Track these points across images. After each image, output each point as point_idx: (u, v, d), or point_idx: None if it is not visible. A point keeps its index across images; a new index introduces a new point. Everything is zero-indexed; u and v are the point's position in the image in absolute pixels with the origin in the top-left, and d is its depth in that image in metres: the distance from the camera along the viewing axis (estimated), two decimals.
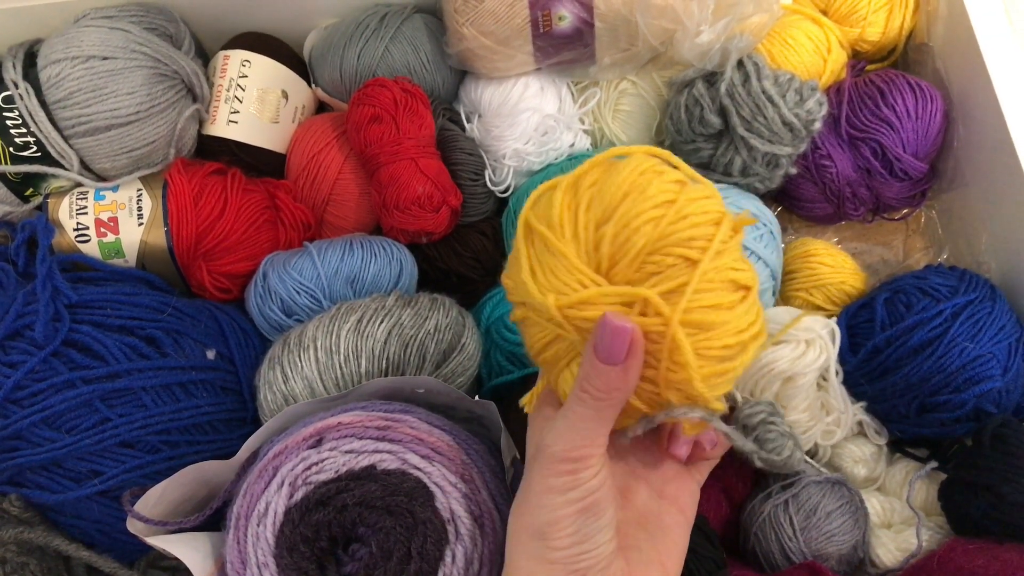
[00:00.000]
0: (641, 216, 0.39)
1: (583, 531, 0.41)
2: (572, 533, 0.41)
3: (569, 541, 0.41)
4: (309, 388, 0.60)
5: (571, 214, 0.40)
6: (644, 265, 0.39)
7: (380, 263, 0.68)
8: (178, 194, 0.67)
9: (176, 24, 0.71)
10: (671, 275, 0.39)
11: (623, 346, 0.39)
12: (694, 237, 0.39)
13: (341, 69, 0.73)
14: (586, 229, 0.40)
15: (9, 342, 0.60)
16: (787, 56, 0.73)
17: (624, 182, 0.40)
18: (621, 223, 0.39)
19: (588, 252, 0.40)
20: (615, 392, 0.40)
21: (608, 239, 0.39)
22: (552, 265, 0.40)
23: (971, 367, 0.63)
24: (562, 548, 0.41)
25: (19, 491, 0.59)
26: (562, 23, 0.68)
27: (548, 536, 0.41)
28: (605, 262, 0.40)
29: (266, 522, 0.49)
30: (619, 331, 0.38)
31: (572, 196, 0.41)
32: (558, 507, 0.41)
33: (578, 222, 0.40)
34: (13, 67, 0.65)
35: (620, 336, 0.38)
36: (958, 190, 0.75)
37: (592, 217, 0.40)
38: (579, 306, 0.39)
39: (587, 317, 0.39)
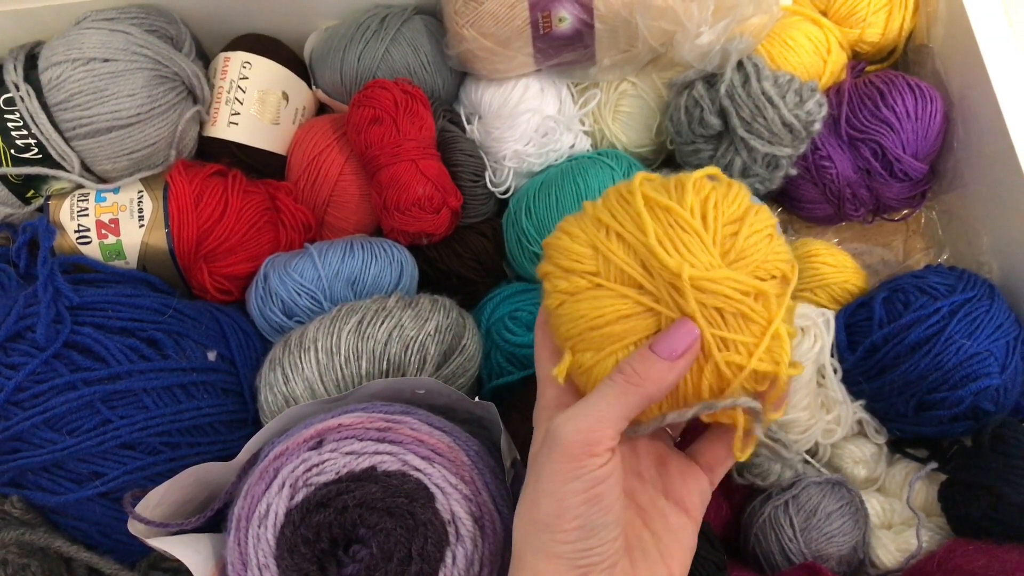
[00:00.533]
0: (766, 230, 0.44)
1: (589, 524, 0.40)
2: (578, 527, 0.40)
3: (576, 535, 0.40)
4: (310, 389, 0.60)
5: (701, 205, 0.43)
6: (758, 269, 0.43)
7: (381, 264, 0.68)
8: (179, 196, 0.68)
9: (177, 26, 0.71)
10: (770, 284, 0.43)
11: (684, 344, 0.40)
12: (788, 261, 0.44)
13: (341, 71, 0.73)
14: (715, 221, 0.43)
15: (10, 344, 0.60)
16: (787, 57, 0.73)
17: (740, 196, 0.44)
18: (753, 228, 0.43)
19: (718, 243, 0.42)
20: (650, 383, 0.40)
21: (742, 237, 0.43)
22: (684, 240, 0.42)
23: (968, 364, 0.63)
24: (568, 542, 0.40)
25: (20, 493, 0.59)
26: (562, 25, 0.68)
27: (554, 528, 0.41)
28: (733, 255, 0.42)
29: (267, 523, 0.49)
30: (689, 331, 0.41)
31: (696, 192, 0.44)
32: (565, 496, 0.40)
33: (708, 214, 0.43)
34: (14, 69, 0.65)
35: (688, 334, 0.41)
36: (958, 191, 0.75)
37: (722, 215, 0.43)
38: (709, 282, 0.41)
39: (711, 290, 0.41)
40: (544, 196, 0.72)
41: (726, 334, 0.41)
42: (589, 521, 0.40)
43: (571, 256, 0.44)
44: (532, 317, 0.70)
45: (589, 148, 0.77)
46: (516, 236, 0.73)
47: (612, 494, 0.41)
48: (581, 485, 0.40)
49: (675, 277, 0.41)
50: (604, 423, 0.40)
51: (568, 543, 0.40)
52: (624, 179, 0.71)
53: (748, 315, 0.41)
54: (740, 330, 0.42)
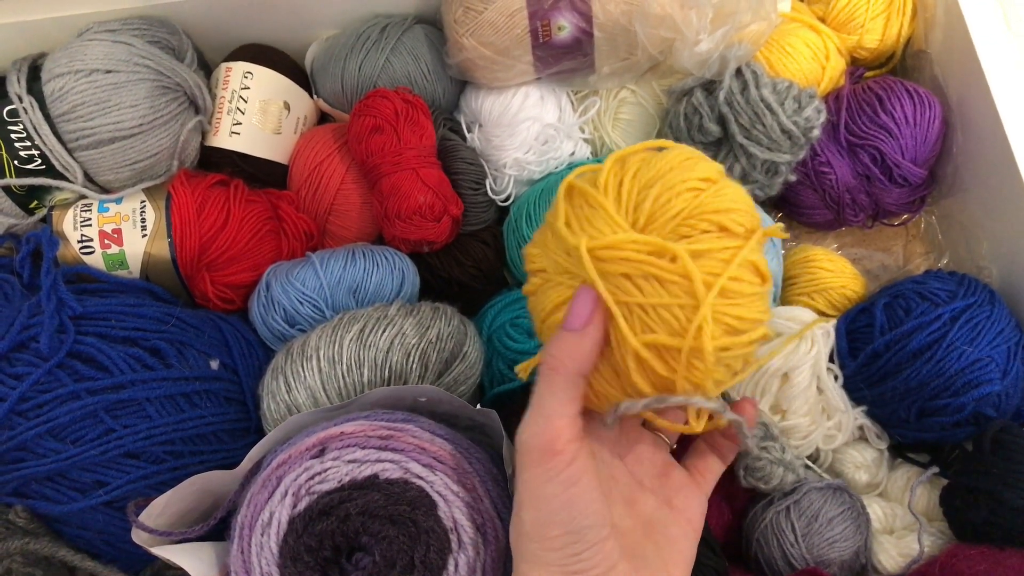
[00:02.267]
0: (686, 183, 0.41)
1: (573, 529, 0.40)
2: (563, 532, 0.40)
3: (561, 541, 0.40)
4: (312, 398, 0.60)
5: (616, 179, 0.42)
6: (679, 227, 0.41)
7: (382, 272, 0.68)
8: (181, 206, 0.68)
9: (178, 37, 0.72)
10: (701, 240, 0.40)
11: (586, 310, 0.40)
12: (731, 210, 0.41)
13: (342, 80, 0.74)
14: (630, 192, 0.42)
15: (14, 354, 0.60)
16: (785, 64, 0.73)
17: (672, 158, 0.42)
18: (666, 186, 0.41)
19: (628, 211, 0.41)
20: (568, 360, 0.40)
21: (650, 199, 0.41)
22: (589, 216, 0.42)
23: (970, 371, 0.63)
24: (555, 548, 0.40)
25: (25, 502, 0.59)
26: (561, 33, 0.68)
27: (539, 536, 0.41)
28: (643, 219, 0.41)
29: (270, 532, 0.50)
30: (587, 296, 0.40)
31: (619, 166, 0.43)
32: (542, 503, 0.40)
33: (622, 185, 0.42)
34: (17, 81, 0.66)
35: (586, 300, 0.40)
36: (957, 195, 0.75)
37: (637, 183, 0.42)
38: (608, 249, 0.40)
39: (613, 258, 0.40)
40: (544, 203, 0.72)
41: (638, 298, 0.40)
42: (572, 526, 0.40)
43: (528, 258, 0.46)
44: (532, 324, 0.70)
45: (589, 155, 0.77)
46: (517, 243, 0.73)
47: (589, 495, 0.41)
48: (555, 489, 0.40)
49: (576, 252, 0.41)
50: (552, 417, 0.40)
51: (555, 550, 0.40)
52: None
53: (660, 276, 0.39)
54: (656, 294, 0.39)
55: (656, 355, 0.40)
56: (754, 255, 0.41)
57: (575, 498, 0.40)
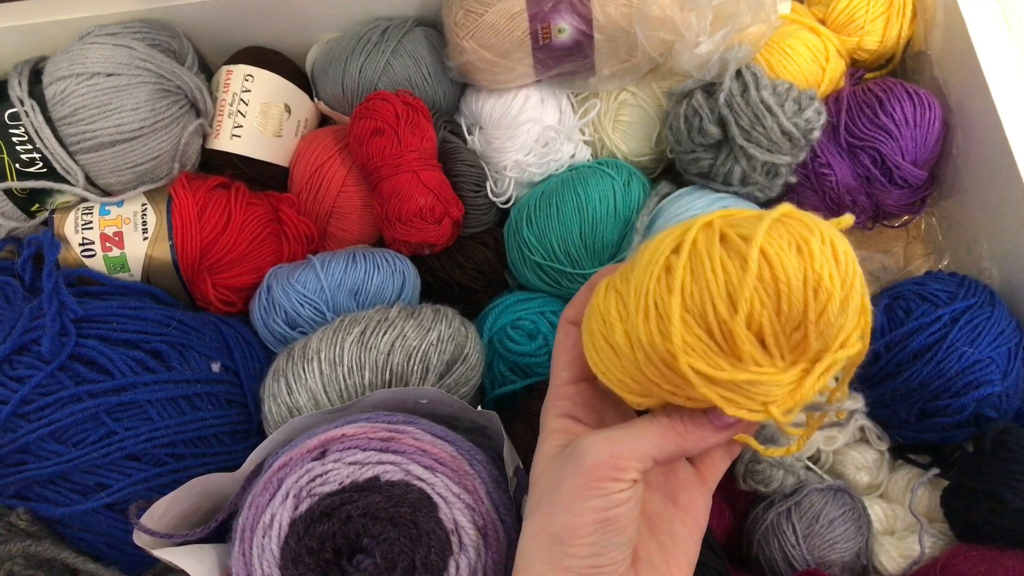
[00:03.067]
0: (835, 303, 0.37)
1: (602, 543, 0.41)
2: (592, 543, 0.41)
3: (588, 551, 0.41)
4: (313, 400, 0.60)
5: (754, 339, 0.37)
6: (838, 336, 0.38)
7: (383, 275, 0.68)
8: (182, 208, 0.68)
9: (179, 40, 0.72)
10: (845, 328, 0.38)
11: (735, 422, 0.41)
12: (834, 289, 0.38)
13: (343, 83, 0.74)
14: (777, 343, 0.37)
15: (16, 357, 0.60)
16: (785, 65, 0.73)
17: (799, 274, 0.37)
18: (819, 320, 0.37)
19: (784, 357, 0.38)
20: (691, 440, 0.41)
21: (813, 339, 0.37)
22: (753, 393, 0.38)
23: (970, 372, 0.63)
24: (580, 556, 0.41)
25: (26, 505, 0.59)
26: (561, 35, 0.68)
27: (567, 542, 0.41)
28: (811, 357, 0.38)
29: (271, 534, 0.50)
30: (745, 425, 0.42)
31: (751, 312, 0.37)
32: (582, 512, 0.41)
33: (766, 340, 0.37)
34: (19, 84, 0.66)
35: (741, 425, 0.42)
36: (958, 197, 0.75)
37: (783, 327, 0.37)
38: (803, 397, 0.38)
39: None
40: (545, 206, 0.72)
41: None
42: (603, 539, 0.41)
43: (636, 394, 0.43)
44: (534, 326, 0.70)
45: (589, 157, 0.77)
46: (517, 245, 0.73)
47: (629, 516, 0.41)
48: (600, 503, 0.41)
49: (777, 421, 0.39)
50: (636, 456, 0.41)
51: (579, 558, 0.41)
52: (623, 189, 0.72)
53: None
54: None
55: None
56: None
57: (616, 518, 0.41)
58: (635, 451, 0.41)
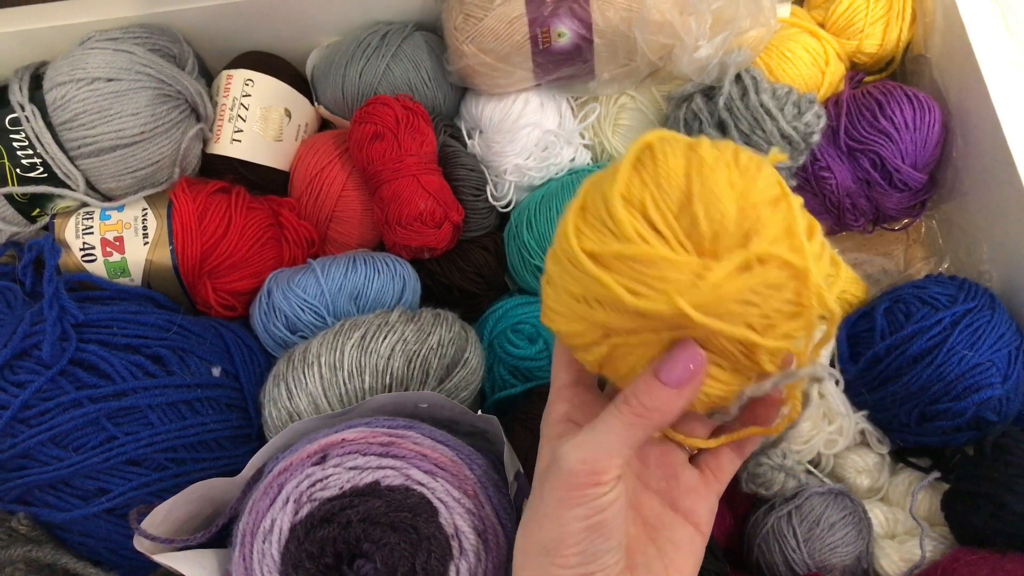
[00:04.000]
0: (718, 180, 0.37)
1: (590, 550, 0.40)
2: (579, 552, 0.40)
3: (576, 560, 0.40)
4: (313, 404, 0.60)
5: (639, 217, 0.37)
6: (741, 228, 0.37)
7: (383, 279, 0.68)
8: (183, 213, 0.68)
9: (180, 45, 0.72)
10: (765, 223, 0.37)
11: (688, 370, 0.39)
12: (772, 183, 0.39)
13: (343, 87, 0.74)
14: (667, 224, 0.37)
15: (17, 362, 0.60)
16: (785, 69, 0.74)
17: (682, 166, 0.38)
18: (708, 193, 0.37)
19: (680, 237, 0.37)
20: (656, 414, 0.40)
21: (701, 217, 0.37)
22: (657, 273, 0.36)
23: (970, 375, 0.63)
24: (568, 566, 0.40)
25: (27, 510, 0.59)
26: (561, 40, 0.68)
27: (555, 552, 0.41)
28: (707, 242, 0.37)
29: (271, 539, 0.50)
30: (693, 355, 0.38)
31: (631, 197, 0.38)
32: (567, 522, 0.40)
33: (656, 216, 0.37)
34: (19, 89, 0.66)
35: (688, 359, 0.38)
36: (958, 200, 0.75)
37: (670, 200, 0.37)
38: (713, 302, 0.36)
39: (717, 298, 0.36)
40: (545, 209, 0.72)
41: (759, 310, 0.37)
42: (591, 547, 0.40)
43: (575, 334, 0.42)
44: (534, 330, 0.70)
45: (589, 161, 0.78)
46: (518, 249, 0.73)
47: (615, 521, 0.41)
48: (584, 511, 0.40)
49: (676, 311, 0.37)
50: (609, 454, 0.40)
51: (568, 568, 0.40)
52: None
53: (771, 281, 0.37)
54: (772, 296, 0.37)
55: (789, 340, 0.39)
56: (797, 203, 0.40)
57: (600, 525, 0.40)
58: (607, 450, 0.40)
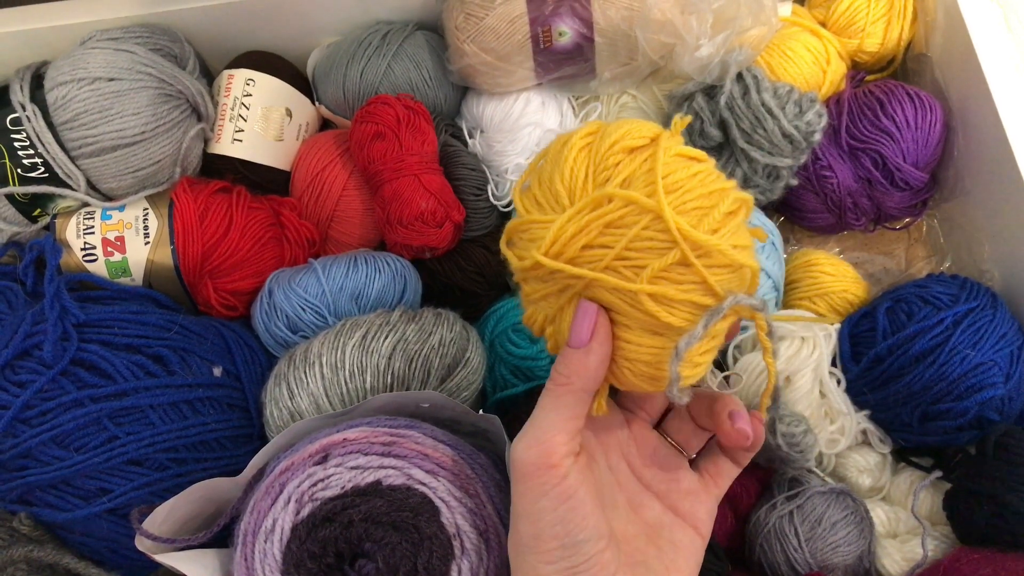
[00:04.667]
0: (573, 147, 0.42)
1: (568, 542, 0.40)
2: (558, 546, 0.40)
3: (557, 554, 0.40)
4: (315, 404, 0.60)
5: (527, 195, 0.44)
6: (596, 179, 0.41)
7: (384, 279, 0.68)
8: (184, 212, 0.68)
9: (181, 44, 0.72)
10: (618, 171, 0.41)
11: (588, 325, 0.40)
12: (624, 137, 0.41)
13: (344, 87, 0.74)
14: (541, 188, 0.43)
15: (18, 362, 0.60)
16: (786, 68, 0.74)
17: (554, 144, 0.44)
18: (565, 157, 0.42)
19: (550, 204, 0.42)
20: (576, 377, 0.40)
21: (557, 178, 0.42)
22: (532, 235, 0.43)
23: (973, 375, 0.63)
24: (551, 561, 0.40)
25: (29, 510, 0.59)
26: (562, 39, 0.68)
27: (535, 549, 0.41)
28: (565, 199, 0.41)
29: (273, 538, 0.50)
30: (583, 311, 0.40)
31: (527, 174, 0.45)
32: (538, 516, 0.41)
33: (531, 190, 0.43)
34: (21, 89, 0.66)
35: (584, 315, 0.40)
36: (959, 199, 0.75)
37: (543, 178, 0.43)
38: (558, 244, 0.40)
39: (571, 245, 0.40)
40: None
41: (613, 254, 0.40)
42: (567, 539, 0.40)
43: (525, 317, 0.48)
44: None
45: None
46: None
47: (583, 508, 0.41)
48: (550, 503, 0.40)
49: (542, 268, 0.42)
50: (551, 432, 0.41)
51: (552, 563, 0.41)
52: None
53: (614, 220, 0.40)
54: (624, 236, 0.40)
55: (670, 283, 0.40)
56: (673, 146, 0.41)
57: (569, 512, 0.40)
58: (546, 429, 0.41)
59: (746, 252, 0.41)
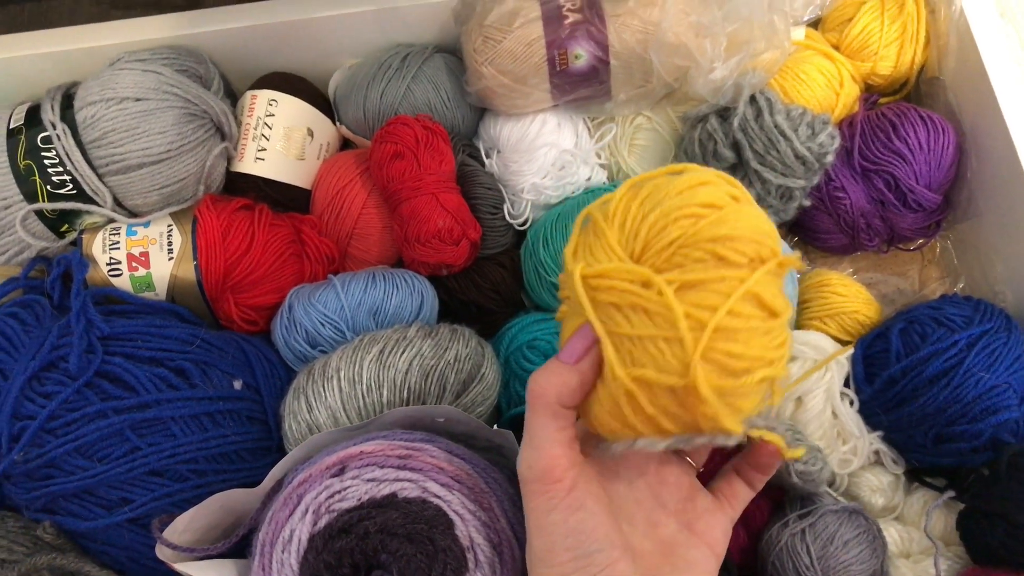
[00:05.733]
0: (684, 209, 0.39)
1: (581, 554, 0.41)
2: (571, 558, 0.41)
3: (571, 566, 0.41)
4: (332, 418, 0.61)
5: (624, 206, 0.42)
6: (673, 256, 0.39)
7: (402, 295, 0.69)
8: (207, 229, 0.69)
9: (206, 65, 0.73)
10: (694, 269, 0.38)
11: (581, 345, 0.40)
12: (731, 238, 0.38)
13: (365, 107, 0.75)
14: (633, 219, 0.41)
15: (44, 373, 0.61)
16: (799, 91, 0.74)
17: (681, 183, 0.41)
18: (663, 213, 0.40)
19: (628, 239, 0.41)
20: (551, 390, 0.40)
21: (647, 226, 0.40)
22: (592, 245, 0.42)
23: (987, 397, 0.63)
24: (566, 574, 0.41)
25: (52, 518, 0.60)
26: (578, 61, 0.69)
27: (549, 561, 0.41)
28: (639, 248, 0.40)
29: (290, 549, 0.50)
30: (585, 334, 0.40)
31: (632, 192, 0.43)
32: (548, 530, 0.41)
33: (628, 211, 0.41)
34: (51, 108, 0.67)
35: (582, 334, 0.40)
36: (972, 220, 0.75)
37: (641, 210, 0.41)
38: (599, 278, 0.40)
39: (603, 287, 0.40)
40: (561, 227, 0.73)
41: (626, 330, 0.38)
42: (580, 551, 0.41)
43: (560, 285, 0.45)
44: (550, 346, 0.71)
45: (605, 180, 0.78)
46: (534, 267, 0.74)
47: (594, 519, 0.41)
48: (559, 516, 0.41)
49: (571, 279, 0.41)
50: (545, 446, 0.41)
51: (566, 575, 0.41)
52: None
53: (647, 307, 0.38)
54: (643, 326, 0.38)
55: (647, 391, 0.38)
56: (760, 287, 0.38)
57: (580, 523, 0.41)
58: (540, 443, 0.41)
59: (743, 415, 0.39)
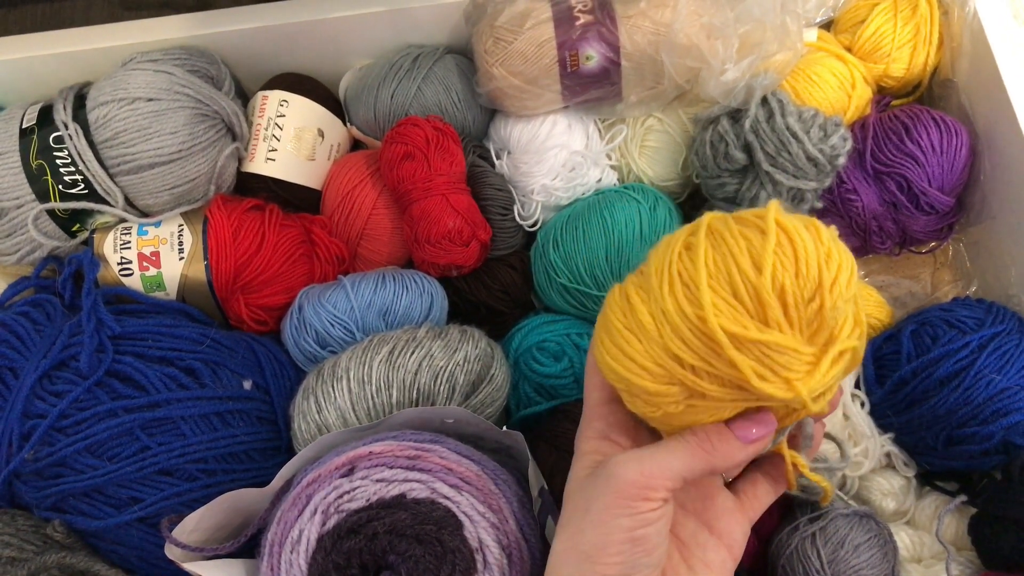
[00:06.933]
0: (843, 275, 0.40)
1: (630, 561, 0.41)
2: (620, 562, 0.41)
3: (617, 569, 0.41)
4: (342, 418, 0.61)
5: (778, 303, 0.39)
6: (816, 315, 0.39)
7: (411, 296, 0.69)
8: (218, 229, 0.70)
9: (217, 66, 0.74)
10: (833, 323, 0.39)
11: (762, 434, 0.42)
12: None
13: (375, 108, 0.75)
14: (797, 312, 0.39)
15: (55, 372, 0.62)
16: (811, 92, 0.74)
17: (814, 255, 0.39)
18: (834, 293, 0.39)
19: (802, 330, 0.39)
20: (718, 456, 0.42)
21: (826, 313, 0.39)
22: (777, 363, 0.39)
23: (998, 399, 0.62)
24: (609, 574, 0.41)
25: (62, 517, 0.60)
26: (589, 63, 0.69)
27: (596, 559, 0.41)
28: (817, 333, 0.39)
29: (299, 549, 0.50)
30: (769, 423, 0.43)
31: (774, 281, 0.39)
32: (612, 530, 0.41)
33: (788, 307, 0.39)
34: (64, 108, 0.68)
35: (765, 426, 0.42)
36: (985, 223, 0.75)
37: (802, 292, 0.39)
38: (821, 381, 0.39)
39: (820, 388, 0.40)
40: (571, 229, 0.73)
41: None
42: (631, 558, 0.41)
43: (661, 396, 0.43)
44: (559, 348, 0.71)
45: (616, 182, 0.78)
46: (544, 268, 0.74)
47: (657, 536, 0.42)
48: (629, 523, 0.41)
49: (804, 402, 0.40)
50: (666, 475, 0.42)
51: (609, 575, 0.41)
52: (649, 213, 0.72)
53: None
54: None
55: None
56: None
57: (644, 537, 0.41)
58: (664, 470, 0.42)
59: None
